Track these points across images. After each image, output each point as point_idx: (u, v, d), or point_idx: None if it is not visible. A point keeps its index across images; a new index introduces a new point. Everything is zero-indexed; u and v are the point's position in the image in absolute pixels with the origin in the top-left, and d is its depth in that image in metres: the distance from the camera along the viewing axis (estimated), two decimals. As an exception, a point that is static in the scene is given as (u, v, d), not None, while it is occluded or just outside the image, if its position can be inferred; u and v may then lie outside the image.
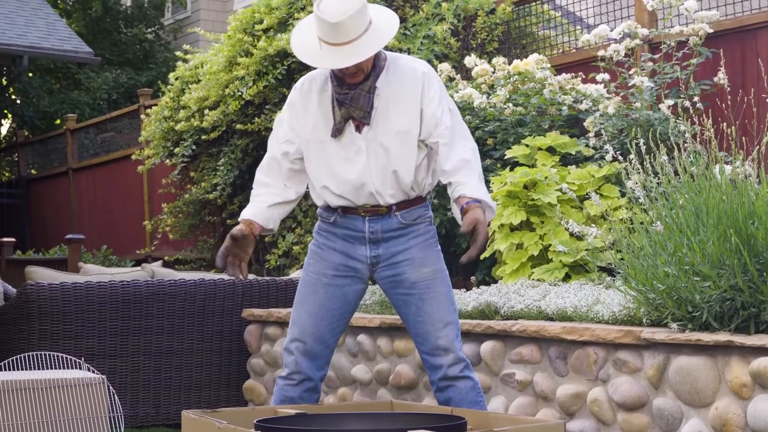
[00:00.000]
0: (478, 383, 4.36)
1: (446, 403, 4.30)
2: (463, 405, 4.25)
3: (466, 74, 8.63)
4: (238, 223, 4.43)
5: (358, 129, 4.25)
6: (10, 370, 5.39)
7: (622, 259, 5.07)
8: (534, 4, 9.62)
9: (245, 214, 4.39)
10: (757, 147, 5.02)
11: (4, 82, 17.91)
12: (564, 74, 7.75)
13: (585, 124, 7.17)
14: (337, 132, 4.27)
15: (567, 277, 6.27)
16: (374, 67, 4.26)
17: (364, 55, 4.12)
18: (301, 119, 4.37)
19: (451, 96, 7.65)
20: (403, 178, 4.27)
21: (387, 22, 4.29)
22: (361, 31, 4.13)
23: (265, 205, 4.38)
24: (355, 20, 4.11)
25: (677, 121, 6.19)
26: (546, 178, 6.60)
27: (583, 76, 7.85)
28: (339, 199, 4.33)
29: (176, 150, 11.08)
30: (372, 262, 4.36)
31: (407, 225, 4.34)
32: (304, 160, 4.39)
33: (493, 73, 7.96)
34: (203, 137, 10.59)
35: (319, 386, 4.44)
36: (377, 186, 4.27)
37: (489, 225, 4.36)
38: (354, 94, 4.22)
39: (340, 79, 4.25)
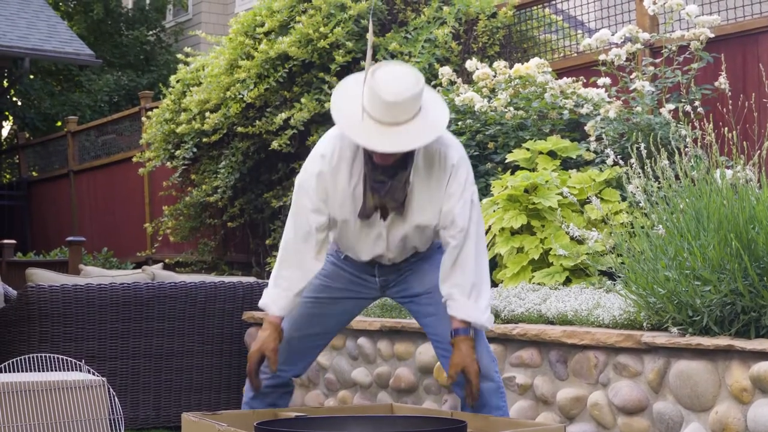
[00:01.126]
0: (502, 387, 4.26)
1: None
2: (485, 410, 4.18)
3: (468, 78, 8.63)
4: (238, 226, 4.35)
5: (383, 217, 4.09)
6: (10, 372, 5.39)
7: (622, 263, 5.08)
8: (535, 8, 9.62)
9: (274, 308, 4.14)
10: (758, 151, 5.03)
11: (6, 84, 17.91)
12: (565, 78, 7.76)
13: (586, 128, 7.18)
14: (366, 216, 4.08)
15: (567, 281, 6.27)
16: (410, 152, 3.97)
17: (412, 145, 3.84)
18: (330, 194, 4.08)
19: (452, 100, 7.68)
20: (419, 250, 4.28)
21: (436, 109, 3.97)
22: (412, 114, 3.84)
23: (292, 293, 4.13)
24: (410, 103, 3.81)
25: (678, 125, 6.19)
26: (547, 182, 6.60)
27: (585, 80, 7.85)
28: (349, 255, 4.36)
29: (177, 153, 11.08)
30: (381, 285, 4.38)
31: None
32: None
33: (495, 77, 7.96)
34: (204, 140, 10.59)
35: (291, 381, 4.41)
36: (394, 258, 4.27)
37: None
38: (391, 185, 3.97)
39: (372, 158, 3.97)
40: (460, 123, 7.71)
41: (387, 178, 3.97)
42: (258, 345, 4.11)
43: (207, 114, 10.32)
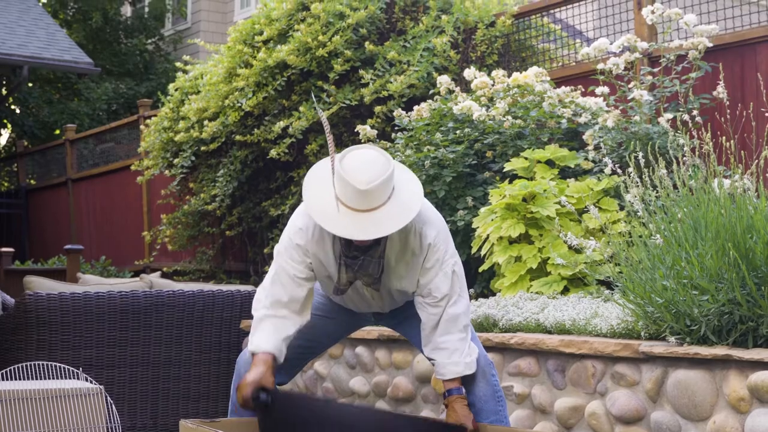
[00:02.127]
0: (500, 391, 4.27)
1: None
2: (481, 416, 4.18)
3: (466, 87, 8.64)
4: (236, 234, 4.35)
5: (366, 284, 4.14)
6: (8, 379, 5.39)
7: (620, 272, 5.07)
8: (534, 17, 9.63)
9: (265, 345, 4.03)
10: (756, 161, 5.03)
11: (4, 92, 17.91)
12: (563, 87, 7.76)
13: (584, 137, 7.18)
14: (340, 292, 4.14)
15: (565, 290, 6.27)
16: None
17: (388, 230, 3.82)
18: (315, 264, 4.09)
19: (450, 109, 7.69)
20: (411, 299, 4.31)
21: (409, 187, 3.97)
22: (385, 198, 3.84)
23: (282, 336, 4.06)
24: (382, 188, 3.81)
25: (676, 134, 6.19)
26: (545, 191, 6.60)
27: (583, 89, 7.86)
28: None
29: (175, 161, 11.08)
30: (376, 318, 4.44)
31: None
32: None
33: (493, 85, 7.96)
34: (202, 148, 10.59)
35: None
36: (383, 310, 4.35)
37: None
38: (364, 261, 3.99)
39: (348, 240, 3.97)
40: (458, 132, 7.71)
41: (360, 254, 3.99)
42: (256, 378, 3.94)
43: (205, 122, 10.32)
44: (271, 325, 4.04)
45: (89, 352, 6.99)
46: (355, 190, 3.78)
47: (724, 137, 5.26)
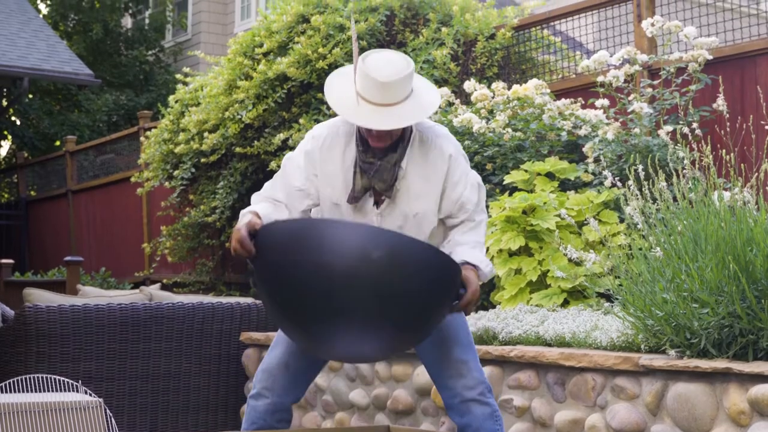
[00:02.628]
0: (497, 411, 4.23)
1: (463, 429, 4.21)
2: None
3: (466, 99, 8.64)
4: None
5: (377, 204, 4.15)
6: (7, 392, 5.38)
7: (620, 285, 5.07)
8: (534, 29, 9.64)
9: (252, 208, 4.15)
10: (756, 174, 5.03)
11: (5, 104, 17.93)
12: (563, 99, 7.77)
13: (584, 149, 7.18)
14: (354, 200, 4.13)
15: (565, 303, 6.27)
16: (402, 137, 4.10)
17: (403, 122, 3.96)
18: (319, 174, 4.18)
19: (450, 121, 7.69)
20: None
21: (429, 93, 4.12)
22: (404, 96, 3.98)
23: (272, 213, 4.12)
24: (402, 83, 3.95)
25: (676, 147, 6.19)
26: (545, 203, 6.60)
27: (583, 102, 7.86)
28: None
29: (175, 173, 11.08)
30: None
31: None
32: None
33: (493, 98, 7.97)
34: (202, 160, 10.59)
35: (290, 408, 4.35)
36: None
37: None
38: (380, 166, 4.06)
39: (366, 143, 4.09)
40: (458, 144, 7.70)
41: (376, 160, 4.07)
42: (246, 222, 4.00)
43: (205, 134, 10.32)
44: (263, 203, 4.20)
45: (89, 364, 6.98)
46: (376, 83, 3.92)
47: (724, 150, 5.26)
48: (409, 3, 9.79)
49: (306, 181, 4.19)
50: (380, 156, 4.07)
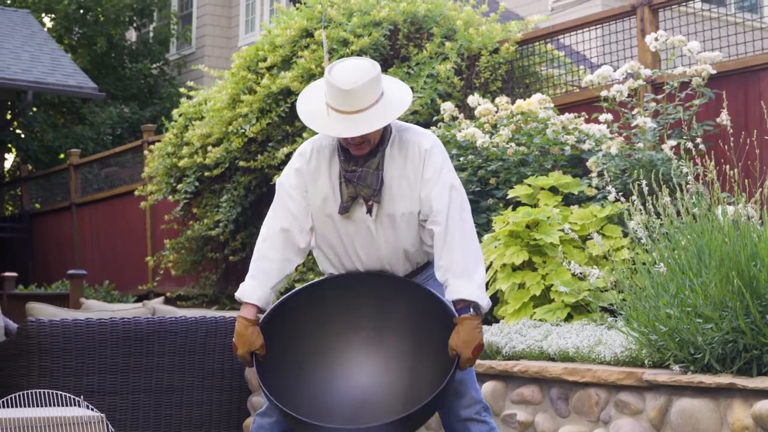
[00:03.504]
0: (495, 429, 4.22)
1: None
2: None
3: (469, 113, 8.64)
4: (240, 260, 4.31)
5: (369, 211, 4.17)
6: (9, 407, 5.37)
7: (624, 299, 5.06)
8: (538, 43, 9.64)
9: (252, 296, 4.19)
10: (760, 189, 5.02)
11: (9, 117, 17.95)
12: (567, 114, 7.77)
13: (588, 164, 7.17)
14: (344, 210, 4.16)
15: (569, 318, 6.25)
16: (381, 140, 4.15)
17: (372, 126, 3.99)
18: (310, 190, 4.22)
19: (453, 135, 7.69)
20: (413, 256, 4.27)
21: (400, 94, 4.16)
22: (372, 101, 4.01)
23: (268, 286, 4.18)
24: (366, 89, 3.99)
25: (680, 161, 6.19)
26: (548, 218, 6.60)
27: (586, 116, 7.85)
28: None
29: (179, 186, 11.09)
30: None
31: None
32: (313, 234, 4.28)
33: (496, 112, 7.97)
34: (206, 174, 10.60)
35: None
36: (391, 263, 4.27)
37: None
38: (362, 172, 4.10)
39: (347, 152, 4.14)
40: (461, 158, 7.71)
41: (357, 167, 4.11)
42: (245, 347, 4.13)
43: (209, 148, 10.33)
44: (261, 269, 4.21)
45: (91, 378, 6.98)
46: (341, 92, 3.97)
47: (727, 165, 5.25)
48: (413, 17, 9.79)
49: (302, 200, 4.22)
50: (361, 163, 4.12)
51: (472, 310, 4.03)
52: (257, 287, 4.18)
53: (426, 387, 4.03)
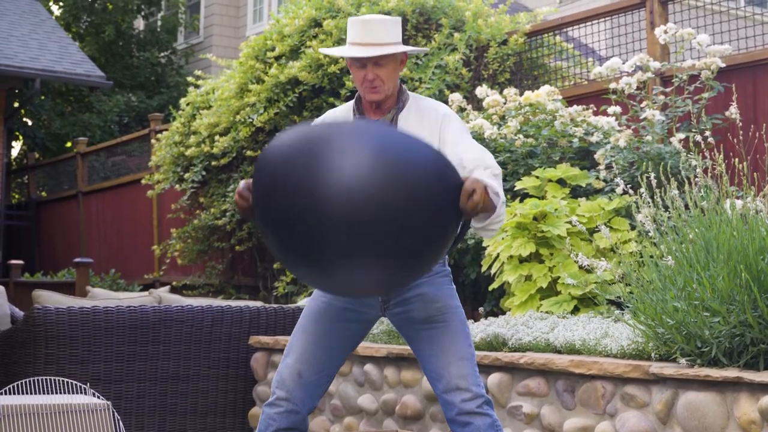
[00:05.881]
0: (498, 421, 4.22)
1: None
2: None
3: (477, 105, 8.63)
4: (246, 249, 4.32)
5: None
6: (15, 394, 5.38)
7: (631, 292, 5.05)
8: (546, 35, 9.63)
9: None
10: (769, 182, 5.01)
11: (16, 105, 17.96)
12: (575, 106, 7.75)
13: (596, 156, 7.16)
14: None
15: (576, 310, 6.25)
16: (397, 101, 4.25)
17: (387, 49, 4.13)
18: None
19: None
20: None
21: (416, 46, 4.30)
22: (389, 40, 4.16)
23: None
24: (385, 25, 4.18)
25: (688, 155, 6.17)
26: (556, 210, 6.59)
27: (595, 109, 7.85)
28: None
29: (186, 175, 11.10)
30: (383, 301, 4.33)
31: None
32: None
33: (505, 104, 7.96)
34: (213, 163, 10.60)
35: (306, 418, 4.33)
36: None
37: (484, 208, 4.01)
38: None
39: (361, 109, 4.26)
40: (469, 149, 7.70)
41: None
42: (242, 184, 3.96)
43: (216, 137, 10.34)
44: None
45: (97, 366, 6.98)
46: (359, 23, 4.17)
47: (736, 158, 5.24)
48: (422, 8, 9.78)
49: None
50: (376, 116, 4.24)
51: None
52: None
53: None
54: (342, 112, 4.37)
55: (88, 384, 5.61)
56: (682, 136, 6.93)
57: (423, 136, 4.03)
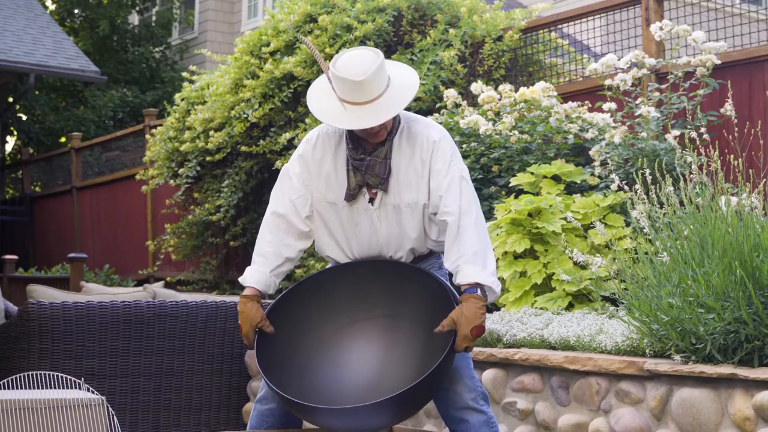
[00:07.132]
0: (493, 418, 4.21)
1: None
2: None
3: (473, 101, 8.62)
4: (240, 245, 4.35)
5: (371, 201, 4.17)
6: (9, 388, 5.37)
7: (626, 289, 5.05)
8: (541, 31, 9.63)
9: (250, 280, 4.25)
10: (764, 179, 5.01)
11: (11, 99, 17.94)
12: (570, 102, 7.75)
13: (591, 152, 7.16)
14: (351, 197, 4.17)
15: (570, 306, 6.25)
16: (391, 129, 4.16)
17: (391, 112, 4.00)
18: (314, 177, 4.24)
19: (456, 123, 7.67)
20: (415, 246, 4.25)
21: (406, 76, 4.16)
22: (383, 88, 4.03)
23: (267, 270, 4.24)
24: (377, 77, 3.99)
25: (683, 151, 6.18)
26: (551, 206, 6.59)
27: (590, 105, 7.84)
28: (348, 260, 4.32)
29: (180, 171, 11.09)
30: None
31: None
32: (314, 220, 4.28)
33: (500, 100, 7.95)
34: (208, 159, 10.59)
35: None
36: (391, 252, 4.26)
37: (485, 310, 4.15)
38: (370, 161, 4.11)
39: (356, 142, 4.16)
40: (464, 146, 7.69)
41: (366, 155, 4.13)
42: (248, 323, 4.22)
43: (211, 133, 10.32)
44: (261, 254, 4.28)
45: (91, 361, 6.97)
46: (353, 84, 3.97)
47: (731, 155, 5.24)
48: (417, 4, 9.78)
49: (302, 187, 4.25)
50: (369, 151, 4.13)
51: (479, 291, 4.01)
52: (255, 271, 4.23)
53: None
54: (333, 139, 4.25)
55: (83, 379, 5.59)
56: (677, 132, 6.93)
57: (414, 164, 4.14)
